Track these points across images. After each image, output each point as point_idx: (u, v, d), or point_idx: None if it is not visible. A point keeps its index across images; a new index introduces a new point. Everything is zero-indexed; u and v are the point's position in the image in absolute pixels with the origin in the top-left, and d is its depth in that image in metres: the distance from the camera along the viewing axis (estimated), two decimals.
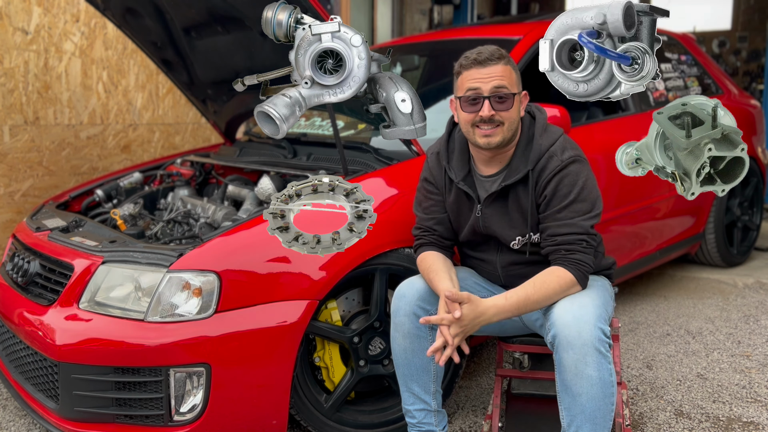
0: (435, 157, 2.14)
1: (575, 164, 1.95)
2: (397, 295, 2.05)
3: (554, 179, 1.94)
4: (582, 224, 1.92)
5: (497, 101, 1.90)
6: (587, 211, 1.93)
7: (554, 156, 1.96)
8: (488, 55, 1.91)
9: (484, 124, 1.92)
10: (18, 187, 3.82)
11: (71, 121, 4.01)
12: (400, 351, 2.03)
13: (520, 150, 2.01)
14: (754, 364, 2.95)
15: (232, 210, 2.74)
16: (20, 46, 3.74)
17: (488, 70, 1.90)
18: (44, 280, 2.34)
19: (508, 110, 1.92)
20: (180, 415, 2.04)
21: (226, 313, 2.02)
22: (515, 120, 1.95)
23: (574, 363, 1.76)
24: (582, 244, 1.91)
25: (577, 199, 1.93)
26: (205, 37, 2.83)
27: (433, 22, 7.79)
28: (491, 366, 3.00)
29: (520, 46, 3.07)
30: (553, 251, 1.93)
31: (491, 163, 2.04)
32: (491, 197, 2.03)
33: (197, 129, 4.73)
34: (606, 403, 1.77)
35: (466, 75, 1.94)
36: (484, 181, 2.06)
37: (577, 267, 1.89)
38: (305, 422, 2.24)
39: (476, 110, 1.92)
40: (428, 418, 2.07)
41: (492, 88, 1.90)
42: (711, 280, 4.12)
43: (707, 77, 4.19)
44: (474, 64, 1.92)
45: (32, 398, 2.24)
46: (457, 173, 2.07)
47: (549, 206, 1.95)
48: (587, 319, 1.77)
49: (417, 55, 3.62)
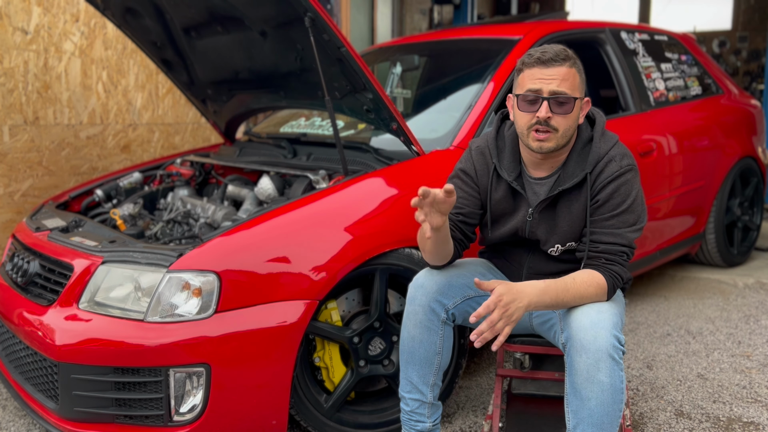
0: (479, 152, 2.06)
1: (632, 172, 1.91)
2: (415, 284, 2.00)
3: (611, 185, 1.88)
4: (628, 236, 1.88)
5: (556, 104, 1.83)
6: (633, 222, 1.89)
7: (613, 161, 1.90)
8: (553, 55, 1.84)
9: (540, 126, 1.84)
10: (18, 187, 3.82)
11: (71, 121, 4.01)
12: (408, 338, 2.00)
13: (575, 153, 1.95)
14: (754, 364, 2.95)
15: (232, 210, 2.74)
16: (20, 46, 3.74)
17: (551, 71, 1.83)
18: (44, 280, 2.34)
19: (566, 114, 1.84)
20: (180, 415, 2.03)
21: (225, 313, 2.02)
22: (571, 127, 1.88)
23: (586, 367, 1.74)
24: (623, 257, 1.88)
25: (628, 209, 1.88)
26: (205, 37, 2.83)
27: (433, 22, 7.79)
28: (492, 366, 3.00)
29: (520, 46, 3.06)
30: (593, 257, 1.89)
31: (542, 166, 1.97)
32: (545, 201, 1.96)
33: (197, 129, 4.73)
34: (615, 409, 1.76)
35: (527, 73, 1.87)
36: (533, 184, 1.99)
37: (613, 279, 1.85)
38: (305, 422, 2.24)
39: (534, 110, 1.84)
40: (421, 408, 2.06)
41: (553, 89, 1.83)
42: (711, 280, 4.12)
43: (707, 77, 4.18)
44: (537, 63, 1.85)
45: (32, 398, 2.24)
46: (509, 173, 2.00)
47: (598, 212, 1.90)
48: (604, 325, 1.75)
49: (417, 55, 3.62)
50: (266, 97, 3.08)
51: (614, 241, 1.88)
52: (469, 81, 3.04)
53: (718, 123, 3.94)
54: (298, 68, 2.66)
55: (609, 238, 1.88)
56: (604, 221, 1.90)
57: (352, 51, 2.29)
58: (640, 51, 3.71)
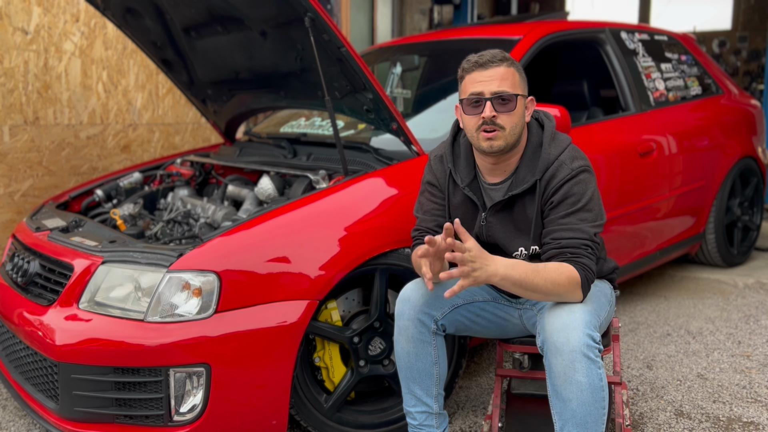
0: (438, 161, 2.10)
1: (585, 173, 1.92)
2: (401, 299, 2.01)
3: (563, 187, 1.90)
4: (587, 230, 1.88)
5: (499, 102, 1.87)
6: (593, 220, 1.90)
7: (564, 165, 1.92)
8: (490, 57, 1.89)
9: (487, 126, 1.88)
10: (18, 187, 3.82)
11: (71, 121, 4.01)
12: (403, 354, 2.01)
13: (526, 158, 1.97)
14: (754, 364, 2.95)
15: (232, 210, 2.74)
16: (20, 46, 3.74)
17: (490, 72, 1.88)
18: (44, 280, 2.34)
19: (510, 112, 1.88)
20: (180, 415, 2.03)
21: (225, 313, 2.02)
22: (518, 124, 1.91)
23: (563, 369, 1.75)
24: (587, 249, 1.87)
25: (584, 207, 1.89)
26: (205, 37, 2.83)
27: (433, 22, 7.79)
28: (491, 366, 3.00)
29: (520, 46, 3.07)
30: (558, 254, 1.88)
31: (496, 171, 2.00)
32: (497, 206, 1.98)
33: (197, 129, 4.73)
34: (596, 408, 1.76)
35: (468, 78, 1.91)
36: (489, 189, 2.02)
37: (584, 270, 1.84)
38: (305, 422, 2.24)
39: (478, 112, 1.88)
40: (429, 420, 2.07)
41: (494, 89, 1.87)
42: (711, 280, 4.12)
43: (707, 77, 4.19)
44: (476, 66, 1.90)
45: (32, 398, 2.24)
46: (463, 178, 2.03)
47: (554, 211, 1.91)
48: (575, 325, 1.76)
49: (417, 55, 3.62)
50: (266, 97, 3.09)
51: (574, 236, 1.87)
52: None
53: (718, 123, 3.94)
54: (298, 68, 2.66)
55: (569, 234, 1.88)
56: (560, 219, 1.90)
57: (352, 51, 2.29)
58: (640, 51, 3.71)
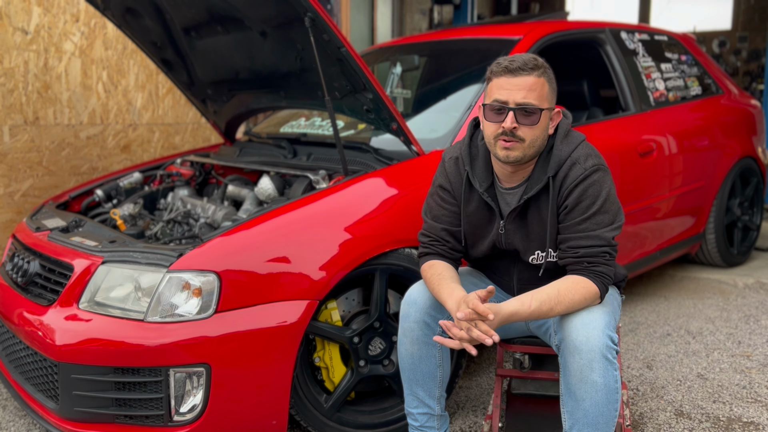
0: (453, 163, 2.00)
1: (599, 173, 1.85)
2: (407, 301, 1.98)
3: (577, 189, 1.83)
4: (605, 236, 1.83)
5: (523, 114, 1.78)
6: (610, 222, 1.84)
7: (577, 163, 1.85)
8: (521, 64, 1.78)
9: (506, 135, 1.79)
10: (18, 187, 3.82)
11: (71, 121, 4.01)
12: (407, 356, 2.00)
13: (541, 159, 1.89)
14: (754, 364, 2.95)
15: (232, 210, 2.74)
16: (20, 46, 3.74)
17: (518, 80, 1.78)
18: (44, 280, 2.34)
19: (532, 126, 1.79)
20: (180, 415, 2.03)
21: (226, 313, 2.02)
22: (539, 137, 1.83)
23: (579, 368, 1.74)
24: (605, 257, 1.83)
25: (600, 210, 1.83)
26: (205, 37, 2.83)
27: (433, 22, 7.79)
28: (491, 366, 3.00)
29: (520, 46, 3.06)
30: (575, 263, 1.83)
31: (513, 177, 1.92)
32: (514, 212, 1.92)
33: (197, 129, 4.73)
34: (610, 409, 1.75)
35: (495, 82, 1.81)
36: (505, 194, 1.95)
37: (601, 280, 1.82)
38: (305, 422, 2.24)
39: (500, 120, 1.79)
40: (431, 422, 2.07)
41: (519, 100, 1.77)
42: (711, 280, 4.12)
43: (707, 77, 4.18)
44: (505, 72, 1.79)
45: (32, 398, 2.24)
46: (480, 182, 1.95)
47: (569, 217, 1.85)
48: (596, 325, 1.74)
49: (417, 55, 3.62)
50: (266, 97, 3.08)
51: (592, 243, 1.83)
52: (469, 81, 3.04)
53: (718, 123, 3.94)
54: (298, 68, 2.66)
55: (586, 242, 1.83)
56: (576, 225, 1.84)
57: (352, 51, 2.29)
58: (640, 51, 3.71)
